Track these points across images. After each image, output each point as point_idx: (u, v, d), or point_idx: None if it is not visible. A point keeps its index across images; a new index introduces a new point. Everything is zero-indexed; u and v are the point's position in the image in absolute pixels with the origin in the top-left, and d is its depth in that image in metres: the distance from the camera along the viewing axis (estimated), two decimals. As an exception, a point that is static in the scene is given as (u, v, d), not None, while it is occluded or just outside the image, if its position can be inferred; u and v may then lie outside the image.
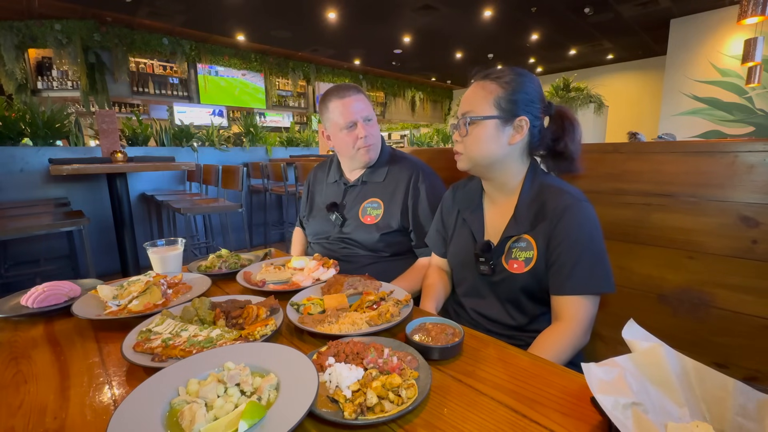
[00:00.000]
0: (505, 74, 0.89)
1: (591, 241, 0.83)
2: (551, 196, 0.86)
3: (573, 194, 0.86)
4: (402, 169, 1.27)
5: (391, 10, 6.23)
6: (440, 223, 1.10)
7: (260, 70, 8.47)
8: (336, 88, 1.25)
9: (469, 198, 1.03)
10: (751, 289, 0.84)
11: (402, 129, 12.63)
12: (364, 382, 0.53)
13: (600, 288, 0.82)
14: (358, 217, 1.25)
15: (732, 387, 0.46)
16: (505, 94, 0.87)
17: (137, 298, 0.84)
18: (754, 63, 4.97)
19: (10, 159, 3.06)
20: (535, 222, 0.87)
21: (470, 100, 0.90)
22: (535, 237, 0.86)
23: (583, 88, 6.78)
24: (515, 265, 0.88)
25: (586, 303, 0.81)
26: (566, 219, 0.83)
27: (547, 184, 0.89)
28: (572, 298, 0.81)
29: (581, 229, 0.83)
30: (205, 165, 3.63)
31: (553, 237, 0.83)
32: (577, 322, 0.81)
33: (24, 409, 0.54)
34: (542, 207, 0.86)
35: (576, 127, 0.91)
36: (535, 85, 0.90)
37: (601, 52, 8.94)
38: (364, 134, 1.21)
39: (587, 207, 0.85)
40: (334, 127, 1.24)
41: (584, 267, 0.81)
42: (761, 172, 0.82)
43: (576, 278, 0.81)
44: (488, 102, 0.88)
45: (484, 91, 0.89)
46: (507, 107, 0.87)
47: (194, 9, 5.96)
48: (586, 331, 0.82)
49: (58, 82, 6.29)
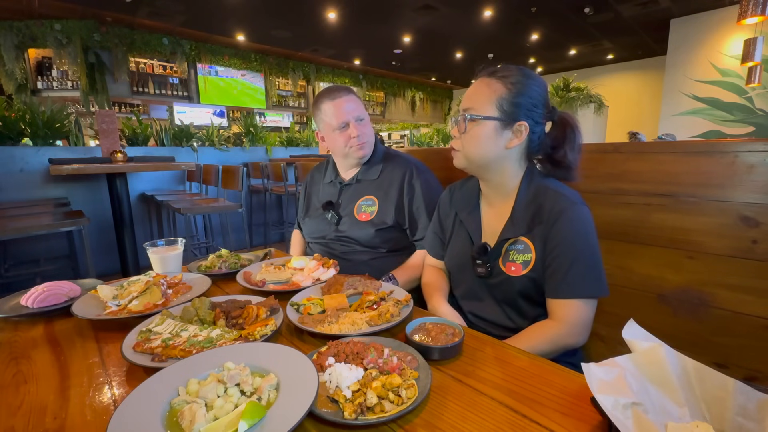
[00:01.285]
0: (512, 74, 0.87)
1: (587, 245, 0.83)
2: (548, 198, 0.86)
3: (569, 197, 0.85)
4: (396, 167, 1.28)
5: (391, 10, 6.23)
6: (438, 225, 1.10)
7: (260, 70, 8.47)
8: (327, 90, 1.27)
9: (466, 199, 1.02)
10: (751, 289, 0.84)
11: (402, 129, 12.62)
12: (364, 382, 0.53)
13: (594, 292, 0.82)
14: (354, 214, 1.27)
15: (732, 387, 0.46)
16: (509, 96, 0.85)
17: (137, 298, 0.84)
18: (754, 63, 4.97)
19: (10, 159, 3.06)
20: (532, 225, 0.86)
21: (473, 96, 0.89)
22: (532, 240, 0.86)
23: (583, 88, 6.78)
24: (512, 268, 0.88)
25: (580, 306, 0.81)
26: (562, 222, 0.82)
27: (543, 186, 0.89)
28: (567, 302, 0.81)
29: (577, 232, 0.82)
30: (205, 165, 3.63)
31: (549, 240, 0.83)
32: (569, 324, 0.81)
33: (24, 409, 0.54)
34: (539, 210, 0.86)
35: (577, 136, 0.90)
36: (540, 88, 0.88)
37: (601, 52, 8.94)
38: (356, 134, 1.23)
39: (583, 210, 0.85)
40: (327, 128, 1.26)
41: (579, 271, 0.81)
42: (761, 172, 0.82)
43: (570, 282, 0.81)
44: (491, 101, 0.86)
45: (488, 90, 0.87)
46: (509, 110, 0.86)
47: (194, 9, 5.96)
48: (578, 332, 0.82)
49: (58, 82, 6.29)
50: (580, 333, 0.82)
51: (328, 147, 1.32)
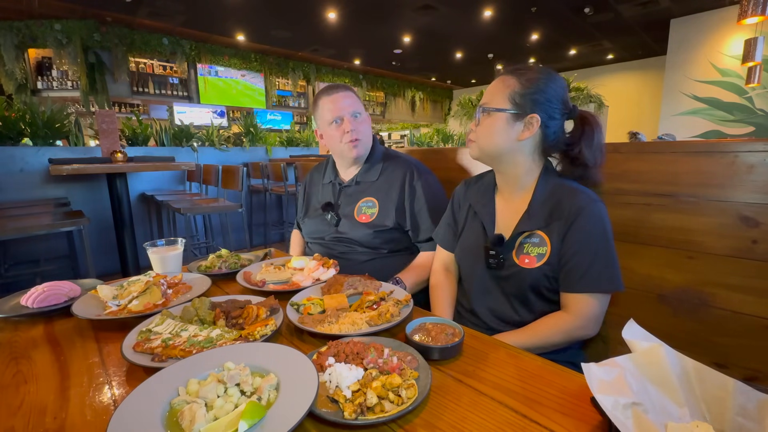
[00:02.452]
0: (529, 72, 0.90)
1: (606, 241, 0.85)
2: (566, 195, 0.87)
3: (588, 194, 0.87)
4: (396, 168, 1.28)
5: (391, 10, 6.23)
6: (451, 218, 1.11)
7: (260, 70, 8.46)
8: (326, 88, 1.28)
9: (482, 192, 1.04)
10: (751, 289, 0.84)
11: (402, 129, 12.63)
12: (364, 382, 0.53)
13: (611, 287, 0.84)
14: (353, 216, 1.27)
15: (732, 387, 0.46)
16: (521, 90, 0.88)
17: (137, 298, 0.84)
18: (754, 63, 4.97)
19: (10, 159, 3.06)
20: (550, 219, 0.88)
21: (490, 92, 0.93)
22: (549, 234, 0.87)
23: (583, 88, 6.79)
24: (526, 260, 0.89)
25: (595, 301, 0.84)
26: (582, 219, 0.84)
27: (560, 183, 0.91)
28: (583, 296, 0.84)
29: (596, 229, 0.84)
30: (205, 165, 3.63)
31: (569, 236, 0.85)
32: (582, 317, 0.84)
33: (24, 409, 0.54)
34: (557, 205, 0.87)
35: (596, 134, 0.91)
36: (556, 85, 0.90)
37: (601, 52, 8.93)
38: (350, 128, 1.22)
39: (602, 207, 0.87)
40: (324, 124, 1.27)
41: (598, 266, 0.83)
42: (761, 172, 0.82)
43: (589, 277, 0.83)
44: (504, 95, 0.90)
45: (502, 85, 0.91)
46: (521, 102, 0.88)
47: (194, 9, 5.95)
48: (591, 325, 0.85)
49: (58, 82, 6.29)
50: (593, 326, 0.85)
51: (326, 144, 1.32)
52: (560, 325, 0.85)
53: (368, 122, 1.30)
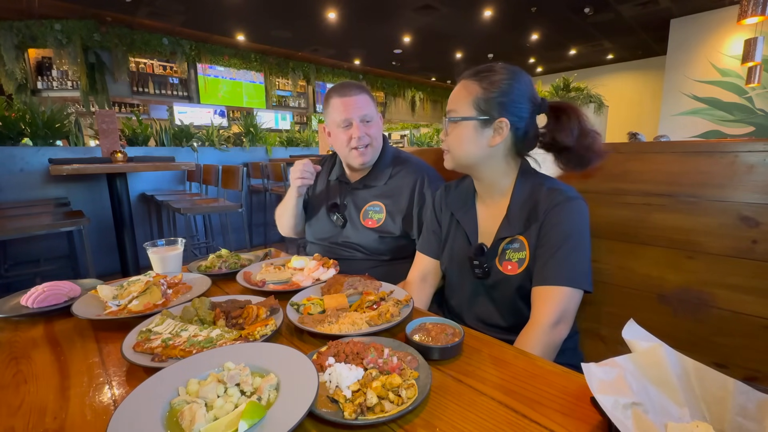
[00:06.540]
0: (489, 74, 0.86)
1: (578, 235, 0.82)
2: (543, 196, 0.86)
3: (565, 192, 0.85)
4: (406, 174, 1.24)
5: (391, 10, 6.22)
6: (436, 224, 1.07)
7: (260, 70, 8.46)
8: (339, 86, 1.23)
9: (462, 199, 1.02)
10: (751, 289, 0.84)
11: (402, 129, 12.61)
12: (364, 382, 0.53)
13: (579, 283, 0.80)
14: (360, 220, 1.24)
15: (732, 387, 0.46)
16: (485, 95, 0.85)
17: (137, 298, 0.84)
18: (754, 63, 4.97)
19: (10, 159, 3.06)
20: (528, 223, 0.86)
21: (453, 99, 0.90)
22: (528, 238, 0.86)
23: (583, 88, 6.78)
24: (509, 267, 0.88)
25: (565, 295, 0.79)
26: (554, 215, 0.83)
27: (539, 183, 0.89)
28: (553, 288, 0.80)
29: (569, 222, 0.82)
30: (205, 165, 3.63)
31: (541, 233, 0.84)
32: (552, 314, 0.78)
33: (24, 409, 0.54)
34: (534, 207, 0.86)
35: (572, 117, 0.87)
36: (521, 84, 0.87)
37: (601, 52, 8.93)
38: (358, 134, 1.19)
39: (579, 204, 0.85)
40: (333, 124, 1.23)
41: (568, 259, 0.80)
42: (761, 172, 0.82)
43: (558, 269, 0.80)
44: (467, 103, 0.87)
45: (465, 91, 0.88)
46: (486, 108, 0.86)
47: (194, 9, 5.95)
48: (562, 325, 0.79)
49: (58, 82, 6.28)
50: (561, 324, 0.79)
51: (332, 143, 1.29)
52: (531, 341, 0.77)
53: (380, 126, 1.25)
